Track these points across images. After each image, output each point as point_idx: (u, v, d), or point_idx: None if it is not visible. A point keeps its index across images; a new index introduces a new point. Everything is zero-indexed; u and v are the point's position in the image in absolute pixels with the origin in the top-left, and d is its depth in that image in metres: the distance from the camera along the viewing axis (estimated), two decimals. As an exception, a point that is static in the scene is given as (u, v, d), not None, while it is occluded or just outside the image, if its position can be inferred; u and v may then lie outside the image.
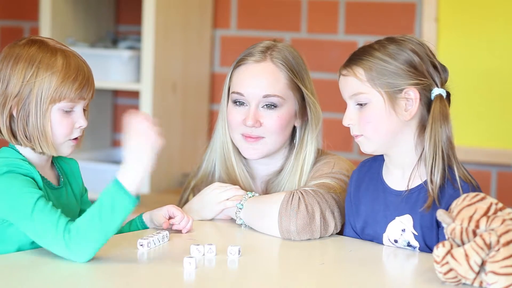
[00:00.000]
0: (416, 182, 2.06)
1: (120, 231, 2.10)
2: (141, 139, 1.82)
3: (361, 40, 3.72)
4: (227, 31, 3.99)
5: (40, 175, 1.94)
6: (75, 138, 1.97)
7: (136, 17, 3.98)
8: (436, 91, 2.04)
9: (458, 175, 2.01)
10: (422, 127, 2.05)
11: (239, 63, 2.33)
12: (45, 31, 3.80)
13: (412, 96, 2.02)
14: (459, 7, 3.56)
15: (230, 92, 2.34)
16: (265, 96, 2.29)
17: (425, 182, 2.03)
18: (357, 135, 2.07)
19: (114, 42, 4.00)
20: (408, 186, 2.06)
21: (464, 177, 2.02)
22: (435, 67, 2.06)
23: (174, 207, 2.15)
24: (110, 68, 3.75)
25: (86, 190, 2.13)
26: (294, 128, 2.36)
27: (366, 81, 2.03)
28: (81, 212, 2.10)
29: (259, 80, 2.29)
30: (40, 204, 1.84)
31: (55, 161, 2.05)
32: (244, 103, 2.31)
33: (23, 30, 4.32)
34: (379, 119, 2.03)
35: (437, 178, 2.00)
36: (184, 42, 3.84)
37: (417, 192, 2.05)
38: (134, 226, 2.19)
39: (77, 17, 3.97)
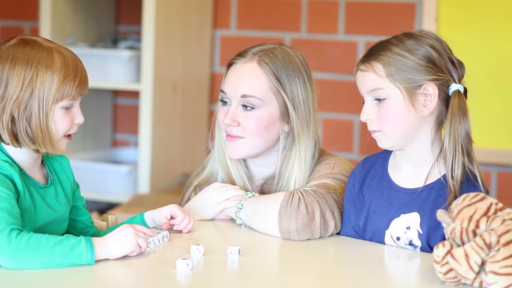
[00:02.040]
0: (428, 180, 2.05)
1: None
2: (133, 241, 1.86)
3: (361, 40, 3.72)
4: (227, 31, 3.99)
5: (26, 175, 1.94)
6: (69, 135, 1.97)
7: (136, 17, 3.98)
8: (454, 86, 2.04)
9: (478, 171, 2.01)
10: (439, 123, 2.05)
11: (230, 63, 2.35)
12: (45, 31, 3.80)
13: (431, 91, 2.02)
14: (459, 7, 3.56)
15: None
16: (243, 96, 2.29)
17: (438, 180, 2.03)
18: (374, 131, 2.07)
19: (114, 42, 4.00)
20: (425, 182, 2.05)
21: (480, 176, 2.02)
22: (452, 62, 2.06)
23: (177, 206, 2.15)
24: (110, 68, 3.75)
25: (78, 186, 2.12)
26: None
27: (385, 77, 2.03)
28: (73, 208, 2.09)
29: (240, 80, 2.30)
30: (2, 204, 1.82)
31: (46, 160, 2.04)
32: (227, 101, 2.32)
33: (23, 30, 4.32)
34: (398, 114, 2.03)
35: (458, 174, 1.99)
36: (184, 42, 3.84)
37: (428, 191, 2.05)
38: (134, 223, 2.18)
39: (77, 17, 3.97)
